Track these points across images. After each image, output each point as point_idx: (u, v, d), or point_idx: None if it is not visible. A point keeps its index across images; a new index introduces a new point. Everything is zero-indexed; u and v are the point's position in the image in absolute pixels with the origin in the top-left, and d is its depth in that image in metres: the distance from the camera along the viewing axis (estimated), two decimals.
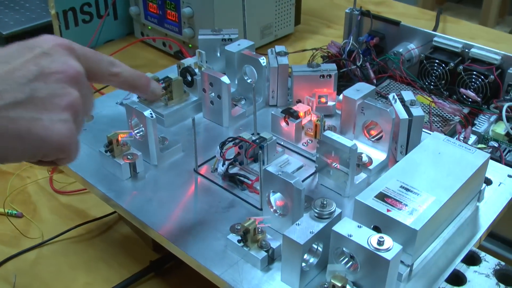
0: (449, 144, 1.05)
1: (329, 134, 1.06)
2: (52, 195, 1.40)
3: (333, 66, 1.29)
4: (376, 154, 1.16)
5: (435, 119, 1.49)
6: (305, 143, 1.22)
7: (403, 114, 1.13)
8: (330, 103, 1.31)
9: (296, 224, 0.86)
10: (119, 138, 1.12)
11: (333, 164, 1.08)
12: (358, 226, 0.85)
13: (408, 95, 1.19)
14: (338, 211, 0.90)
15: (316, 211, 0.88)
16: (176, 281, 1.25)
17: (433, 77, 1.61)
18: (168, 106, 1.30)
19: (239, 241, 0.94)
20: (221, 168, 1.10)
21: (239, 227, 0.96)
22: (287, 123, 1.22)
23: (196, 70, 1.33)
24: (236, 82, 1.38)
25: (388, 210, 0.90)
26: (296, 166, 1.16)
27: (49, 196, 1.40)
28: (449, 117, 1.49)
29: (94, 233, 1.31)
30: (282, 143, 1.23)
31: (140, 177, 1.13)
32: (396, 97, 1.19)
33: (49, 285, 1.18)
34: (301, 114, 1.22)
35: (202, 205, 1.07)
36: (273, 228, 0.99)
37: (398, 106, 1.16)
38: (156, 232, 1.01)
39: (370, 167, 1.14)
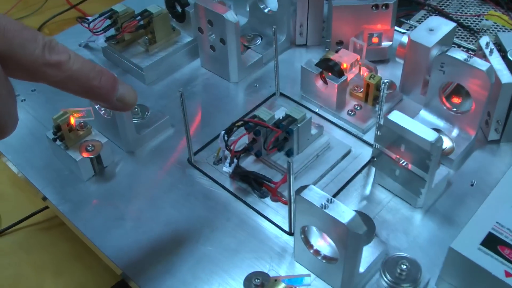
0: None
1: (396, 116, 0.67)
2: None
3: None
4: (458, 134, 0.77)
5: None
6: (351, 111, 0.83)
7: (507, 76, 0.73)
8: (385, 44, 0.90)
9: None
10: (72, 120, 0.73)
11: (401, 162, 0.69)
12: None
13: (509, 38, 0.77)
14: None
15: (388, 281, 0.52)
16: None
17: None
18: (149, 53, 0.90)
19: None
20: (227, 168, 0.72)
21: (258, 281, 0.61)
22: (325, 82, 0.82)
23: None
24: (248, 10, 0.96)
25: (508, 274, 0.54)
26: (341, 154, 0.77)
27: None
28: None
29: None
30: (317, 110, 0.84)
31: (108, 174, 0.77)
32: (491, 43, 0.78)
33: None
34: (345, 65, 0.82)
35: (198, 226, 0.70)
36: (313, 272, 0.64)
37: (496, 60, 0.75)
38: (130, 277, 0.65)
39: (452, 156, 0.75)
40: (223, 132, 0.72)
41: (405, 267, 0.61)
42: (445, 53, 0.74)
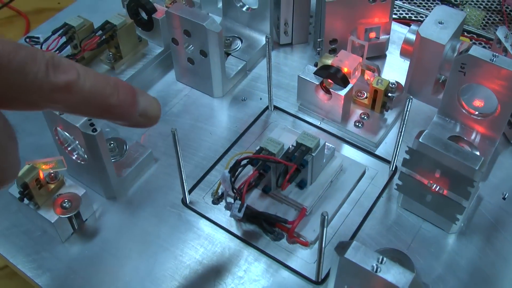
0: None
1: (430, 139, 0.57)
2: None
3: None
4: (481, 140, 0.70)
5: None
6: (358, 122, 0.73)
7: None
8: (383, 37, 0.80)
9: None
10: (41, 174, 0.60)
11: (435, 187, 0.60)
12: None
13: None
14: None
15: None
16: None
17: None
18: (115, 71, 0.76)
19: None
20: (237, 213, 0.61)
21: None
22: (328, 92, 0.71)
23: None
24: (220, 7, 0.84)
25: None
26: (356, 176, 0.68)
27: None
28: None
29: None
30: (319, 123, 0.74)
31: (89, 230, 0.65)
32: (510, 35, 0.69)
33: None
34: (346, 70, 0.72)
35: (211, 285, 0.60)
36: None
37: None
38: None
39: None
40: (226, 172, 0.61)
41: None
42: (466, 52, 0.65)
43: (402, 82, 0.77)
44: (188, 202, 0.66)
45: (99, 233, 0.64)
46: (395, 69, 0.81)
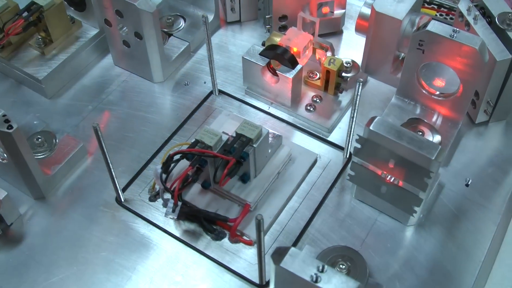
0: None
1: (382, 126, 0.52)
2: None
3: None
4: (443, 122, 0.65)
5: None
6: (309, 105, 0.67)
7: (502, 52, 0.59)
8: (338, 12, 0.74)
9: None
10: None
11: (389, 178, 0.55)
12: None
13: (495, 3, 0.63)
14: None
15: None
16: None
17: None
18: (45, 56, 0.70)
19: None
20: (171, 214, 0.55)
21: None
22: (275, 74, 0.65)
23: None
24: None
25: None
26: (307, 166, 0.63)
27: None
28: None
29: None
30: (268, 108, 0.68)
31: (15, 235, 0.59)
32: (474, 8, 0.63)
33: None
34: (295, 49, 0.66)
35: None
36: None
37: (484, 29, 0.61)
38: None
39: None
40: (158, 168, 0.55)
41: None
42: (424, 28, 0.59)
43: (360, 60, 0.71)
44: (122, 201, 0.61)
45: (25, 239, 0.59)
46: (353, 47, 0.75)
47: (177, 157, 0.55)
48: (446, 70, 0.62)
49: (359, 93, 0.55)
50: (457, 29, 0.58)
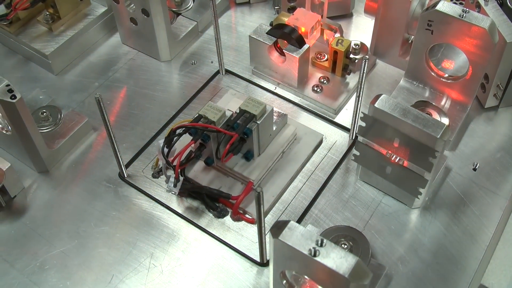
0: None
1: (386, 103, 0.51)
2: None
3: None
4: (452, 105, 0.64)
5: None
6: (316, 86, 0.67)
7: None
8: None
9: None
10: None
11: (394, 158, 0.54)
12: None
13: None
14: None
15: None
16: None
17: None
18: (53, 33, 0.70)
19: None
20: (173, 188, 0.55)
21: None
22: (282, 54, 0.65)
23: None
24: None
25: None
26: (312, 146, 0.62)
27: None
28: None
29: None
30: (275, 88, 0.67)
31: (18, 207, 0.59)
32: None
33: None
34: (303, 29, 0.65)
35: (144, 267, 0.55)
36: None
37: (495, 11, 0.60)
38: None
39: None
40: (161, 142, 0.55)
41: None
42: (433, 8, 0.58)
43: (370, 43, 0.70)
44: (125, 176, 0.60)
45: (28, 211, 0.59)
46: (363, 30, 0.74)
47: (179, 131, 0.55)
48: (455, 51, 0.61)
49: (365, 71, 0.54)
50: (467, 9, 0.57)
